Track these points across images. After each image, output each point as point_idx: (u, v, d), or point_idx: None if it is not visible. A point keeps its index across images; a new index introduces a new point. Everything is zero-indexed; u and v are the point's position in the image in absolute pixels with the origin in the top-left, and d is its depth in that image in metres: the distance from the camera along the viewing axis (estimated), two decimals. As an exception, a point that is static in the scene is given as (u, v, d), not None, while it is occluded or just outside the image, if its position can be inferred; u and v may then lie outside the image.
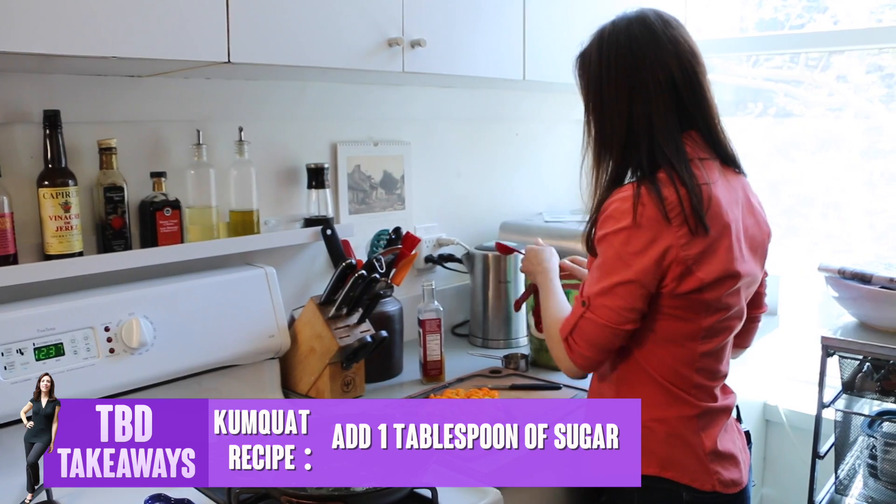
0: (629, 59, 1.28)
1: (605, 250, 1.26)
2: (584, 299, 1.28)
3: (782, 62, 2.75)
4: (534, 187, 2.56)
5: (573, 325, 1.30)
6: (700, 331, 1.29)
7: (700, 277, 1.23)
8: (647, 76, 1.27)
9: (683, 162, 1.24)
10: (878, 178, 2.55)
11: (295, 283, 1.89)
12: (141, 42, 1.24)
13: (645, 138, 1.27)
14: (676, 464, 1.32)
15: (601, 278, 1.26)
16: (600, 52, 1.31)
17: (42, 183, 1.42)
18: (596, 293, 1.26)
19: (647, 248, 1.22)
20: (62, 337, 1.42)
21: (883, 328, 1.72)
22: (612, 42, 1.30)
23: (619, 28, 1.31)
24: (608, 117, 1.31)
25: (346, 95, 1.96)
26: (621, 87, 1.28)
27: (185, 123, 1.65)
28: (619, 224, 1.23)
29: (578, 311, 1.29)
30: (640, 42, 1.28)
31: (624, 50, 1.29)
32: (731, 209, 1.28)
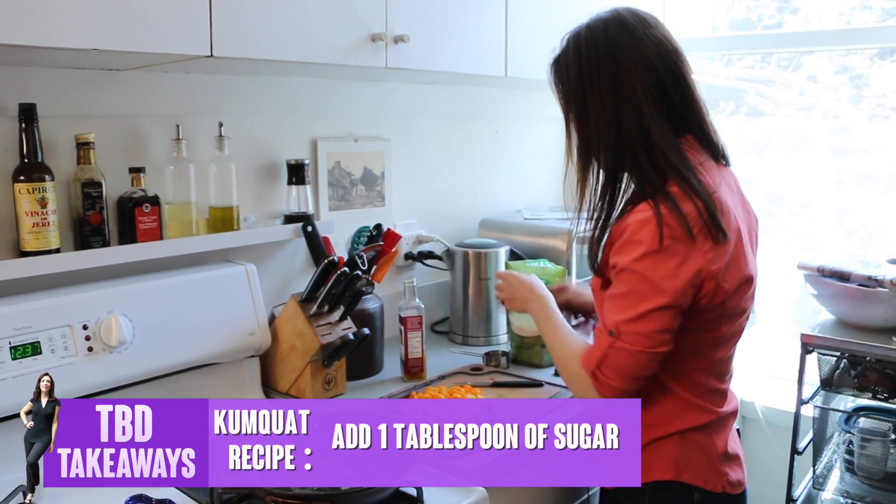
0: (611, 63, 1.22)
1: (630, 277, 1.19)
2: (612, 329, 1.21)
3: (754, 62, 2.78)
4: (513, 184, 2.56)
5: (600, 357, 1.22)
6: (719, 338, 1.28)
7: (725, 289, 1.21)
8: (632, 80, 1.21)
9: (691, 170, 1.20)
10: (847, 178, 2.59)
11: (274, 280, 1.87)
12: (122, 35, 1.22)
13: (642, 147, 1.21)
14: (691, 467, 1.31)
15: (631, 306, 1.19)
16: (579, 57, 1.26)
17: (18, 178, 1.39)
18: (626, 321, 1.19)
19: (678, 270, 1.16)
20: (39, 335, 1.39)
21: (860, 325, 1.75)
22: (592, 46, 1.25)
23: (596, 31, 1.25)
24: (594, 125, 1.25)
25: (326, 91, 1.94)
26: (606, 92, 1.23)
27: (164, 118, 1.63)
28: (643, 249, 1.17)
29: (605, 342, 1.22)
30: (621, 44, 1.23)
31: (604, 54, 1.23)
32: (737, 212, 1.26)
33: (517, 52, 1.92)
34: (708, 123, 1.28)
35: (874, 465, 1.76)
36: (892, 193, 2.47)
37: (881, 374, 1.68)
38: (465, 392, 1.63)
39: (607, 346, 1.22)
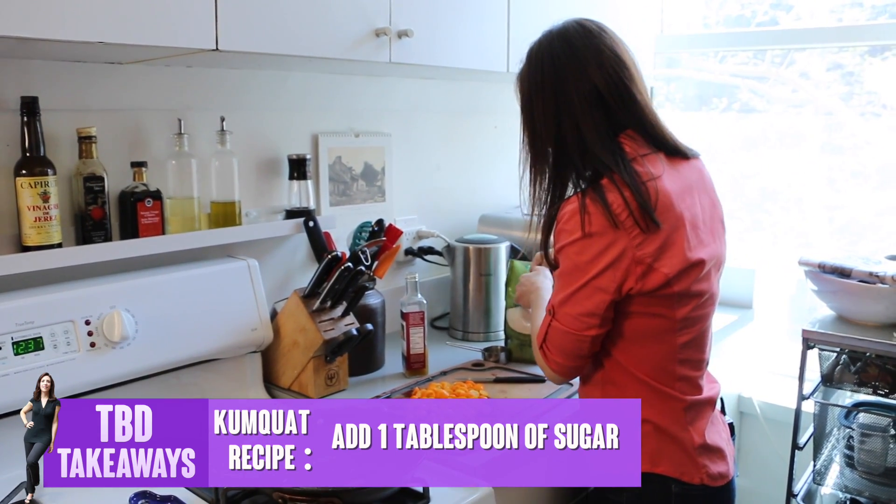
0: (552, 76, 1.30)
1: (564, 262, 1.29)
2: (550, 308, 1.32)
3: (748, 58, 2.80)
4: (512, 180, 2.55)
5: (544, 333, 1.33)
6: (676, 323, 1.30)
7: (664, 273, 1.24)
8: (570, 90, 1.29)
9: (623, 163, 1.26)
10: (838, 174, 2.61)
11: (276, 275, 1.86)
12: (129, 28, 1.21)
13: (577, 150, 1.29)
14: (666, 458, 1.33)
15: (562, 288, 1.29)
16: (529, 70, 1.35)
17: (20, 172, 1.38)
18: (559, 302, 1.29)
19: (601, 255, 1.23)
20: (41, 331, 1.38)
21: (861, 321, 1.76)
22: (538, 60, 1.33)
23: (543, 47, 1.34)
24: (539, 133, 1.34)
25: (327, 85, 1.93)
26: (548, 103, 1.31)
27: (166, 112, 1.61)
28: (571, 236, 1.25)
29: (547, 320, 1.33)
30: (562, 58, 1.30)
31: (548, 67, 1.31)
32: (683, 198, 1.29)
33: (519, 47, 1.90)
34: (653, 122, 1.33)
35: (874, 460, 1.77)
36: (883, 190, 2.49)
37: (882, 369, 1.70)
38: (468, 388, 1.63)
39: (547, 325, 1.32)
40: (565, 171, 1.33)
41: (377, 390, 1.70)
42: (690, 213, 1.29)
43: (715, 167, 2.39)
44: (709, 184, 1.41)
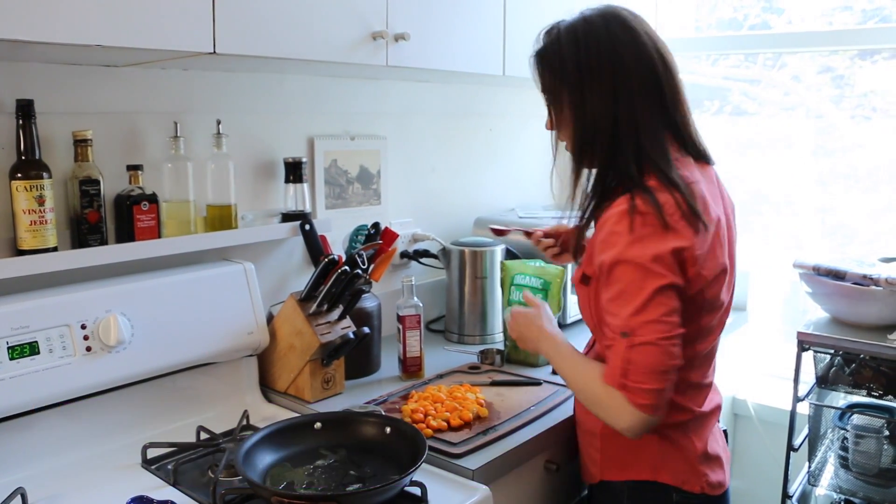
0: (613, 58, 1.23)
1: (623, 270, 1.16)
2: (623, 330, 1.15)
3: (739, 61, 2.81)
4: (507, 183, 2.57)
5: (622, 364, 1.15)
6: (700, 330, 1.27)
7: (705, 276, 1.22)
8: (632, 76, 1.23)
9: (670, 164, 1.22)
10: (828, 177, 2.63)
11: (272, 278, 1.86)
12: (127, 31, 1.20)
13: (631, 142, 1.23)
14: (669, 467, 1.33)
15: (631, 298, 1.15)
16: (577, 50, 1.25)
17: (15, 175, 1.37)
18: (633, 314, 1.15)
19: (662, 252, 1.15)
20: (37, 335, 1.37)
21: (855, 323, 1.77)
22: (592, 40, 1.24)
23: (596, 25, 1.25)
24: (591, 120, 1.25)
25: (323, 89, 1.93)
26: (605, 87, 1.23)
27: (161, 115, 1.61)
28: (625, 239, 1.16)
29: (622, 347, 1.15)
30: (623, 41, 1.23)
31: (606, 49, 1.23)
32: (716, 204, 1.29)
33: (515, 50, 1.92)
34: (690, 123, 1.31)
35: (868, 461, 1.79)
36: (874, 192, 2.51)
37: (875, 371, 1.71)
38: (464, 391, 1.63)
39: (625, 350, 1.15)
40: (615, 163, 1.25)
41: (373, 394, 1.70)
42: (721, 220, 1.28)
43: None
44: (725, 191, 1.39)
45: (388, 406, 1.61)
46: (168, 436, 1.52)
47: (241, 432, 1.51)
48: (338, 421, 1.44)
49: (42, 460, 1.39)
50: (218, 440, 1.48)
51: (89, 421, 1.46)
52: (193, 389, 1.62)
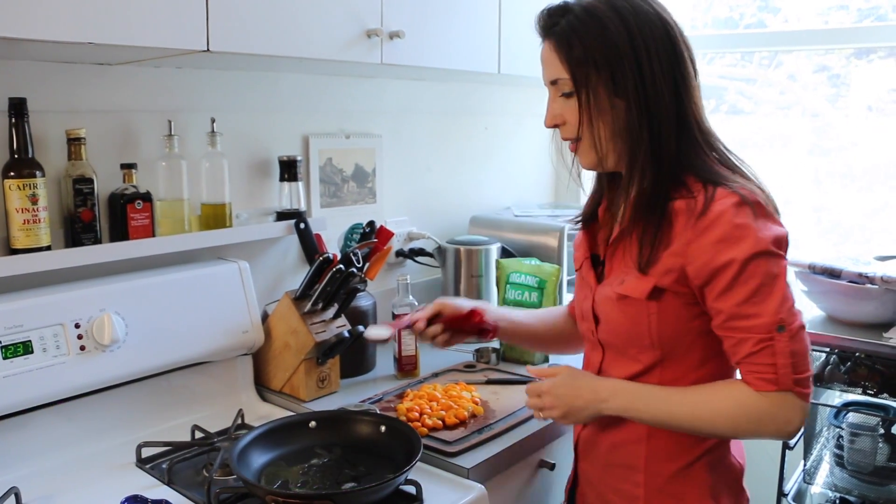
0: (670, 46, 1.12)
1: (759, 266, 1.05)
2: (778, 324, 1.05)
3: (735, 60, 2.81)
4: (503, 181, 2.56)
5: (790, 360, 1.06)
6: None
7: None
8: (686, 66, 1.14)
9: (730, 152, 1.18)
10: (825, 176, 2.63)
11: (266, 277, 1.85)
12: (118, 28, 1.20)
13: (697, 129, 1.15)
14: (726, 491, 1.24)
15: (771, 291, 1.06)
16: (622, 19, 1.11)
17: (8, 174, 1.36)
18: (779, 306, 1.06)
19: (779, 235, 1.08)
20: (31, 334, 1.36)
21: (850, 321, 1.77)
22: (642, 16, 1.11)
23: (643, 7, 1.12)
24: (657, 120, 1.12)
25: (318, 87, 1.93)
26: (667, 79, 1.12)
27: (155, 114, 1.60)
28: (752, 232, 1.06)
29: (783, 342, 1.05)
30: (674, 27, 1.14)
31: (658, 25, 1.12)
32: None
33: (510, 48, 1.92)
34: None
35: (863, 459, 1.78)
36: (869, 191, 2.51)
37: (871, 369, 1.71)
38: (460, 390, 1.63)
39: (788, 342, 1.05)
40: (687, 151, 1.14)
41: (368, 392, 1.69)
42: None
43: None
44: None
45: (383, 405, 1.61)
46: (163, 435, 1.51)
47: (236, 431, 1.51)
48: (333, 420, 1.44)
49: (36, 460, 1.39)
50: (213, 439, 1.48)
51: (83, 420, 1.45)
52: (188, 388, 1.62)
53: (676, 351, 1.17)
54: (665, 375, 1.19)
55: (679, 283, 1.12)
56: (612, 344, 1.25)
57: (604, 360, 1.27)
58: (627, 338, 1.20)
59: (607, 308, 1.22)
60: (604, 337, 1.25)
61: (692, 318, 1.15)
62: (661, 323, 1.15)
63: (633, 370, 1.21)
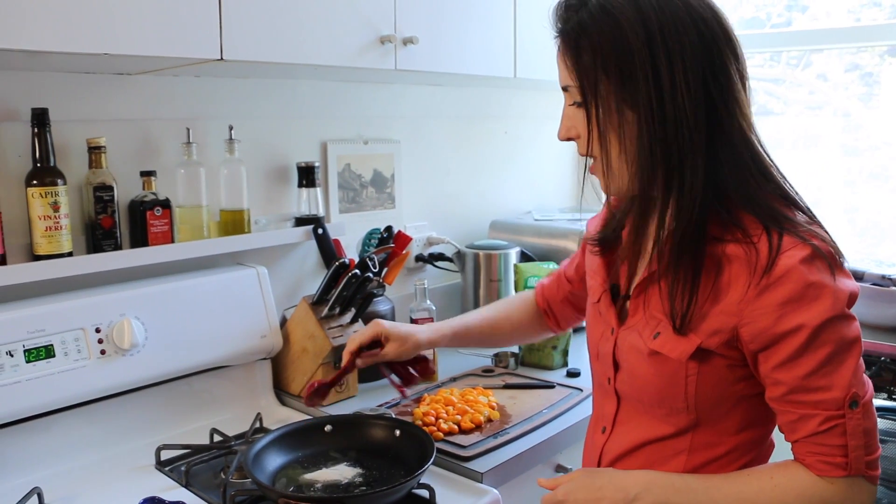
0: (700, 50, 0.93)
1: (834, 332, 0.90)
2: (851, 399, 0.90)
3: (763, 60, 2.77)
4: (523, 185, 2.56)
5: (864, 441, 0.91)
6: None
7: None
8: (725, 74, 0.93)
9: (790, 185, 0.99)
10: (857, 176, 2.58)
11: (285, 282, 1.87)
12: (134, 39, 1.22)
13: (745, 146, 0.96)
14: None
15: (844, 361, 0.91)
16: (648, 32, 0.92)
17: (30, 182, 1.40)
18: (852, 378, 0.91)
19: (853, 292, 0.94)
20: (52, 338, 1.39)
21: (873, 325, 1.74)
22: (670, 19, 0.92)
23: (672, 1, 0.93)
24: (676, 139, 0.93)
25: (336, 93, 1.95)
26: (693, 90, 0.92)
27: (174, 122, 1.63)
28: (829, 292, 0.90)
29: (856, 419, 0.90)
30: (713, 25, 0.94)
31: (689, 34, 0.92)
32: None
33: (526, 52, 1.91)
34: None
35: (890, 467, 1.74)
36: (903, 191, 2.46)
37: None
38: (476, 394, 1.63)
39: (862, 419, 0.91)
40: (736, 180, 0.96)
41: (386, 397, 1.70)
42: None
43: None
44: None
45: (400, 409, 1.61)
46: (183, 438, 1.54)
47: (254, 435, 1.52)
48: (348, 423, 1.45)
49: (58, 461, 1.42)
50: (230, 442, 1.50)
51: (104, 423, 1.48)
52: (208, 392, 1.64)
53: (713, 415, 1.02)
54: (697, 440, 1.03)
55: (728, 346, 0.97)
56: (632, 398, 1.09)
57: (619, 412, 1.12)
58: (658, 398, 1.04)
59: (633, 359, 1.06)
60: (624, 389, 1.10)
61: (737, 380, 1.00)
62: (700, 385, 0.99)
63: (658, 432, 1.06)
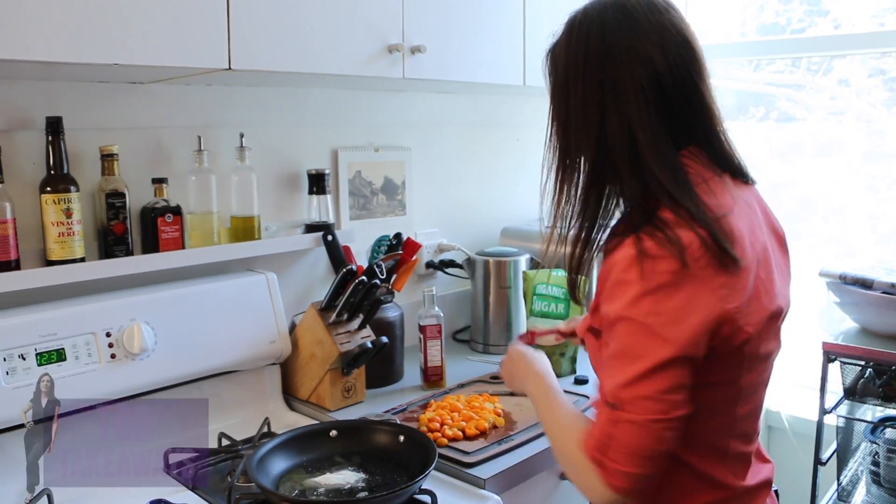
0: (601, 54, 1.02)
1: (626, 328, 0.96)
2: (611, 399, 0.96)
3: (784, 66, 2.75)
4: (535, 192, 2.54)
5: (603, 438, 0.97)
6: (741, 391, 1.05)
7: (748, 332, 0.99)
8: (623, 75, 1.00)
9: (688, 191, 0.99)
10: (881, 182, 2.54)
11: (296, 288, 1.89)
12: (143, 49, 1.25)
13: (627, 161, 1.01)
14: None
15: (629, 364, 0.95)
16: (568, 44, 1.05)
17: (44, 189, 1.43)
18: (626, 384, 0.95)
19: (684, 313, 0.94)
20: (64, 342, 1.42)
21: (884, 333, 1.71)
22: (583, 33, 1.04)
23: (590, 16, 1.04)
24: (574, 128, 1.05)
25: (346, 101, 1.96)
26: (591, 90, 1.02)
27: (186, 129, 1.66)
28: (634, 290, 0.95)
29: (605, 417, 0.97)
30: (616, 31, 1.01)
31: (595, 42, 1.02)
32: (757, 235, 1.05)
33: (536, 60, 1.90)
34: (719, 133, 1.07)
35: (905, 478, 1.72)
36: (928, 199, 2.42)
37: (908, 383, 1.65)
38: (482, 401, 1.63)
39: (609, 422, 0.96)
40: (603, 182, 1.05)
41: (394, 402, 1.71)
42: (763, 253, 1.05)
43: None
44: (770, 213, 1.17)
45: (406, 415, 1.62)
46: (191, 442, 1.56)
47: (261, 439, 1.54)
48: (353, 429, 1.47)
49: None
50: (237, 446, 1.51)
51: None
52: (218, 397, 1.66)
53: None
54: None
55: None
56: None
57: None
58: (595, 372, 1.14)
59: None
60: None
61: None
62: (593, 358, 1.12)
63: None
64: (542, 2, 1.93)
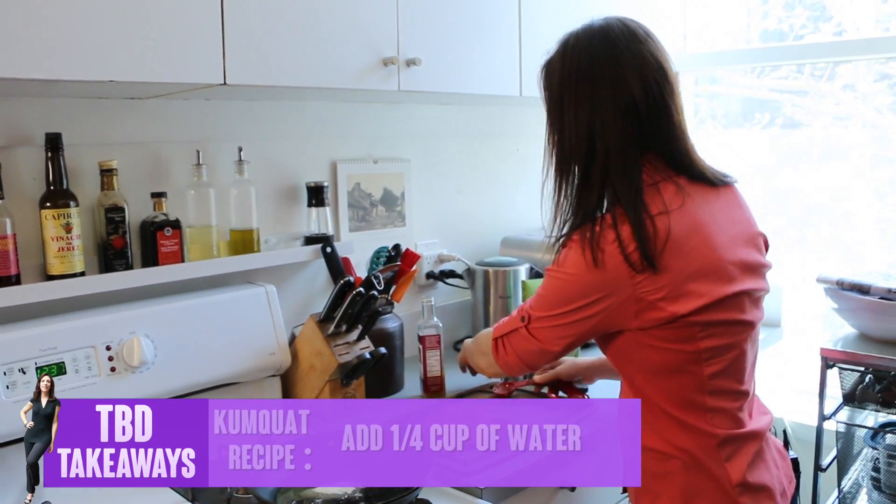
0: (588, 78, 1.22)
1: (553, 281, 1.25)
2: (525, 315, 1.29)
3: (788, 72, 2.74)
4: (535, 202, 2.55)
5: (508, 332, 1.32)
6: (701, 353, 1.20)
7: (672, 311, 1.17)
8: (606, 97, 1.20)
9: (635, 192, 1.18)
10: (887, 187, 2.53)
11: (295, 300, 1.90)
12: (139, 66, 1.27)
13: (600, 167, 1.22)
14: (701, 497, 1.24)
15: (546, 306, 1.26)
16: (563, 64, 1.26)
17: (44, 204, 1.45)
18: (536, 317, 1.27)
19: (585, 294, 1.19)
20: (64, 356, 1.43)
21: (882, 339, 1.70)
22: (575, 55, 1.25)
23: (581, 42, 1.25)
24: (568, 136, 1.25)
25: (345, 114, 1.98)
26: (581, 107, 1.23)
27: (185, 144, 1.68)
28: (568, 266, 1.21)
29: (516, 323, 1.31)
30: (601, 59, 1.22)
31: (584, 66, 1.23)
32: (702, 230, 1.21)
33: (532, 71, 1.91)
34: (679, 142, 1.24)
35: (903, 482, 1.70)
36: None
37: (907, 389, 1.64)
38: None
39: (515, 328, 1.31)
40: (594, 185, 1.24)
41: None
42: (714, 246, 1.21)
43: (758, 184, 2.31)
44: (744, 211, 1.33)
45: (404, 425, 1.62)
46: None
47: (260, 450, 1.55)
48: (350, 439, 1.47)
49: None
50: (237, 458, 1.52)
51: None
52: (218, 408, 1.67)
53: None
54: None
55: None
56: None
57: None
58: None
59: None
60: None
61: None
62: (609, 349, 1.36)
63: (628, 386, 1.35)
64: (537, 12, 1.94)
